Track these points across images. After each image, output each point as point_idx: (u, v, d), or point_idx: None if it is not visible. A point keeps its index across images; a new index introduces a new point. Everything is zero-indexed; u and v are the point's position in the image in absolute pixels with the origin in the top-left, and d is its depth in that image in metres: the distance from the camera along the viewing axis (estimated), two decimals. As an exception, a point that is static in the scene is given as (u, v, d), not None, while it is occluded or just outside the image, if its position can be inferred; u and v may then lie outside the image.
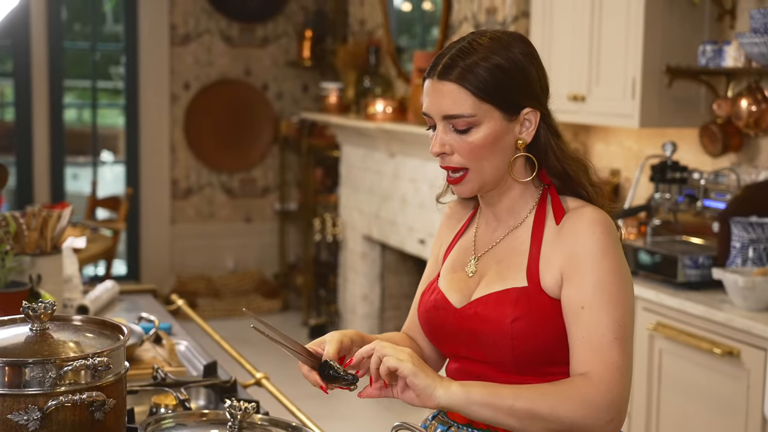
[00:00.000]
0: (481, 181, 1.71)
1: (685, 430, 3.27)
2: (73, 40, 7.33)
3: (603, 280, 1.61)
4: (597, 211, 1.67)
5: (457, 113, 1.66)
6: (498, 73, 1.66)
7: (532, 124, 1.70)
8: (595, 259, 1.62)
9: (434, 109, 1.69)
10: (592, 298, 1.60)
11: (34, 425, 1.51)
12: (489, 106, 1.66)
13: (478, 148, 1.67)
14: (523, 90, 1.68)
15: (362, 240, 6.19)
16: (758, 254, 3.28)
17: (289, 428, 1.86)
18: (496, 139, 1.67)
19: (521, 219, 1.74)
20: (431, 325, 1.79)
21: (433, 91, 1.69)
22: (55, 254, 2.63)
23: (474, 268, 1.76)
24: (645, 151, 4.23)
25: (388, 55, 6.31)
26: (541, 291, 1.65)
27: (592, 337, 1.59)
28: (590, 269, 1.62)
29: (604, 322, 1.60)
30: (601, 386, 1.57)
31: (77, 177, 7.67)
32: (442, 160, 1.71)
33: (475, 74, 1.65)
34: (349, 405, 5.42)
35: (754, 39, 3.34)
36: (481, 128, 1.66)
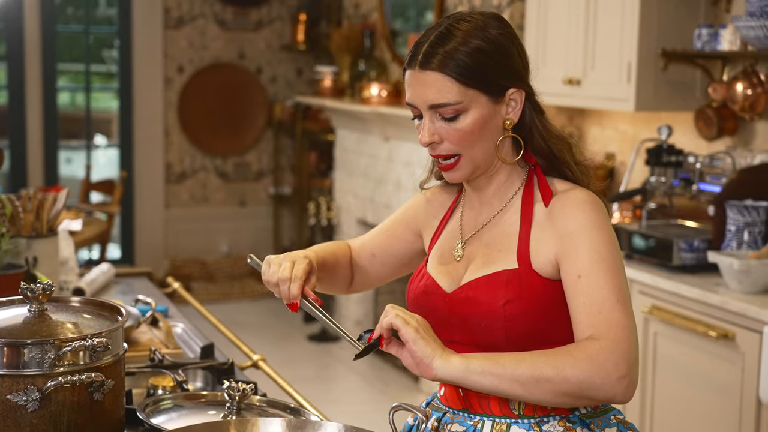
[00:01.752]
0: (473, 166, 1.70)
1: (680, 412, 3.28)
2: (66, 23, 7.30)
3: (598, 250, 1.61)
4: (585, 192, 1.68)
5: (443, 102, 1.64)
6: (479, 56, 1.64)
7: (518, 104, 1.69)
8: (587, 233, 1.63)
9: (419, 100, 1.66)
10: (589, 267, 1.60)
11: (33, 406, 1.51)
12: (474, 91, 1.64)
13: (468, 134, 1.66)
14: (506, 70, 1.67)
15: (357, 224, 6.19)
16: (753, 237, 3.29)
17: (287, 410, 1.87)
18: (485, 123, 1.66)
19: (507, 200, 1.74)
20: (422, 311, 1.77)
21: (415, 82, 1.66)
22: (51, 237, 2.62)
23: (461, 252, 1.76)
24: (640, 135, 4.23)
25: (382, 38, 6.30)
26: (533, 272, 1.65)
27: (593, 301, 1.58)
28: (584, 242, 1.62)
29: (604, 287, 1.59)
30: (607, 343, 1.55)
31: (71, 161, 7.65)
32: (432, 149, 1.70)
33: (457, 60, 1.63)
34: (345, 388, 5.44)
35: (750, 22, 3.34)
36: (468, 114, 1.65)
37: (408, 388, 5.35)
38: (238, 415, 1.76)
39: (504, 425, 1.67)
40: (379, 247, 1.94)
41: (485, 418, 1.68)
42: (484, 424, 1.68)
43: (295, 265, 1.72)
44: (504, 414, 1.67)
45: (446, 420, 1.74)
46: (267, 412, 1.84)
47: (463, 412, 1.71)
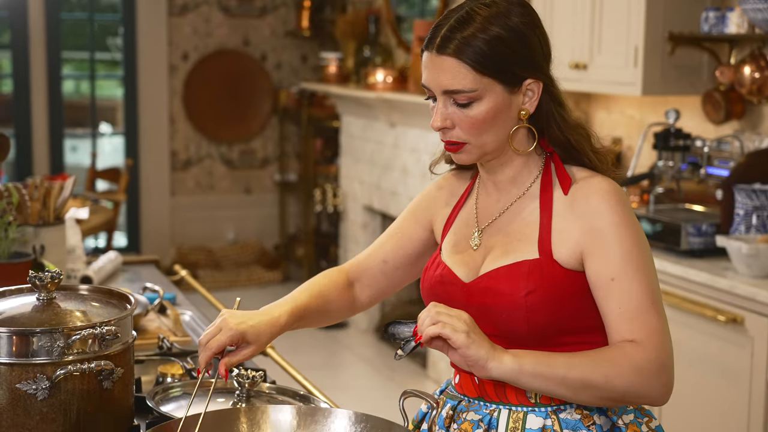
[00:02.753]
0: (481, 152, 1.67)
1: (689, 397, 3.28)
2: (70, 11, 7.28)
3: (628, 250, 1.59)
4: (606, 181, 1.65)
5: (457, 88, 1.61)
6: (497, 44, 1.60)
7: (535, 94, 1.65)
8: (616, 229, 1.60)
9: (434, 83, 1.64)
10: (621, 270, 1.59)
11: (43, 394, 1.51)
12: (489, 79, 1.61)
13: (480, 122, 1.63)
14: (524, 60, 1.63)
15: (363, 210, 6.18)
16: (762, 221, 3.27)
17: (297, 397, 1.87)
18: (498, 112, 1.63)
19: (525, 188, 1.71)
20: (438, 301, 1.72)
21: (431, 65, 1.64)
22: (58, 225, 2.62)
23: (478, 241, 1.72)
24: (647, 119, 4.21)
25: (387, 24, 6.28)
26: (554, 262, 1.62)
27: (629, 306, 1.58)
28: (614, 241, 1.60)
29: (638, 291, 1.58)
30: (651, 352, 1.56)
31: (76, 149, 7.65)
32: (443, 134, 1.67)
33: (474, 47, 1.59)
34: (353, 375, 5.44)
35: (758, 5, 3.32)
36: (482, 102, 1.62)
37: (416, 374, 5.35)
38: (247, 403, 1.76)
39: (521, 413, 1.65)
40: (391, 252, 1.89)
41: (501, 407, 1.67)
42: (500, 412, 1.67)
43: (218, 335, 1.66)
44: (521, 402, 1.66)
45: (461, 408, 1.72)
46: (276, 399, 1.84)
47: (478, 400, 1.70)
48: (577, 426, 1.63)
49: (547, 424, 1.64)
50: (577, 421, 1.64)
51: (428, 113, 5.62)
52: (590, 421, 1.64)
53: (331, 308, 1.89)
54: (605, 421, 1.66)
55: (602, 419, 1.66)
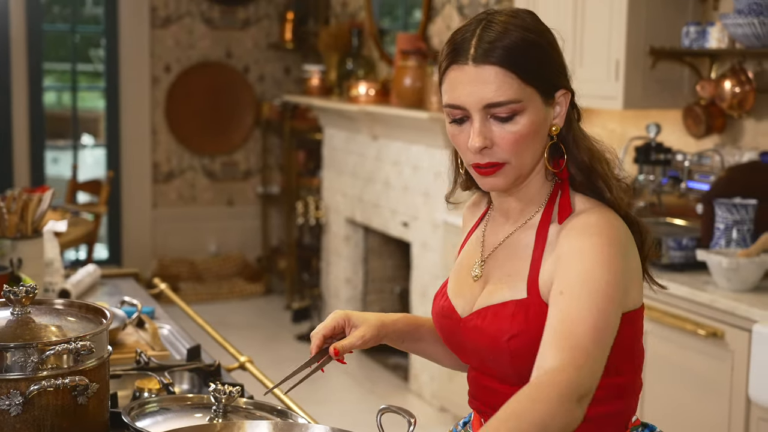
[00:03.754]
0: (518, 174, 1.55)
1: (669, 411, 3.28)
2: (52, 22, 7.26)
3: (590, 275, 1.45)
4: (602, 216, 1.52)
5: (502, 100, 1.49)
6: (536, 51, 1.51)
7: (563, 108, 1.56)
8: (582, 254, 1.47)
9: (471, 99, 1.50)
10: (575, 288, 1.44)
11: (16, 410, 1.50)
12: (532, 89, 1.51)
13: (523, 137, 1.51)
14: (558, 68, 1.55)
15: (345, 223, 6.17)
16: (742, 235, 3.28)
17: (274, 412, 1.85)
18: (539, 126, 1.53)
19: (528, 216, 1.61)
20: (443, 333, 1.71)
21: (467, 79, 1.50)
22: (36, 238, 2.60)
23: (479, 272, 1.65)
24: (628, 133, 4.22)
25: (370, 37, 6.29)
26: (541, 302, 1.53)
27: (565, 320, 1.42)
28: (576, 261, 1.47)
29: (584, 308, 1.42)
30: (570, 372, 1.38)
31: (57, 161, 7.62)
32: (481, 156, 1.53)
33: (518, 55, 1.49)
34: (334, 387, 5.42)
35: (738, 20, 3.33)
36: (525, 115, 1.51)
37: (397, 387, 5.34)
38: (224, 418, 1.75)
39: None
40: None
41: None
42: None
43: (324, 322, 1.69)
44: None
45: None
46: (254, 414, 1.83)
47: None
48: None
49: None
50: None
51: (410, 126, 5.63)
52: None
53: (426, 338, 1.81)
54: None
55: None
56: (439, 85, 1.59)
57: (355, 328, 1.68)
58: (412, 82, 5.18)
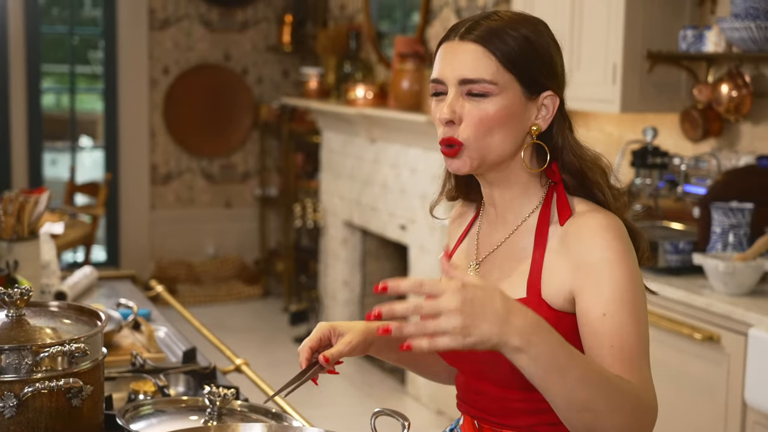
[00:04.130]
0: (480, 158, 1.55)
1: (665, 415, 3.28)
2: (51, 24, 7.26)
3: (622, 288, 1.46)
4: (605, 216, 1.53)
5: (477, 77, 1.51)
6: (525, 44, 1.53)
7: (549, 112, 1.57)
8: (609, 266, 1.48)
9: (450, 72, 1.53)
10: (614, 306, 1.45)
11: (11, 412, 1.50)
12: (511, 77, 1.52)
13: (490, 119, 1.52)
14: (548, 69, 1.55)
15: (343, 226, 6.17)
16: (738, 239, 3.29)
17: (269, 414, 1.85)
18: (511, 115, 1.53)
19: (523, 218, 1.60)
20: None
21: (451, 53, 1.54)
22: (33, 240, 2.60)
23: (474, 275, 1.63)
24: (625, 137, 4.23)
25: (368, 40, 6.29)
26: (542, 301, 1.52)
27: (622, 346, 1.44)
28: (607, 276, 1.47)
29: (631, 332, 1.45)
30: (647, 401, 1.42)
31: (56, 162, 7.62)
32: (445, 130, 1.55)
33: (502, 39, 1.52)
34: (331, 390, 5.42)
35: (735, 24, 3.34)
36: (498, 98, 1.52)
37: (394, 390, 5.34)
38: (219, 421, 1.75)
39: None
40: None
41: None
42: None
43: (310, 335, 1.66)
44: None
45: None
46: (249, 417, 1.83)
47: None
48: None
49: None
50: None
51: (408, 129, 5.64)
52: None
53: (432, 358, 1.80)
54: None
55: None
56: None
57: (341, 336, 1.66)
58: (409, 85, 5.19)
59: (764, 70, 3.61)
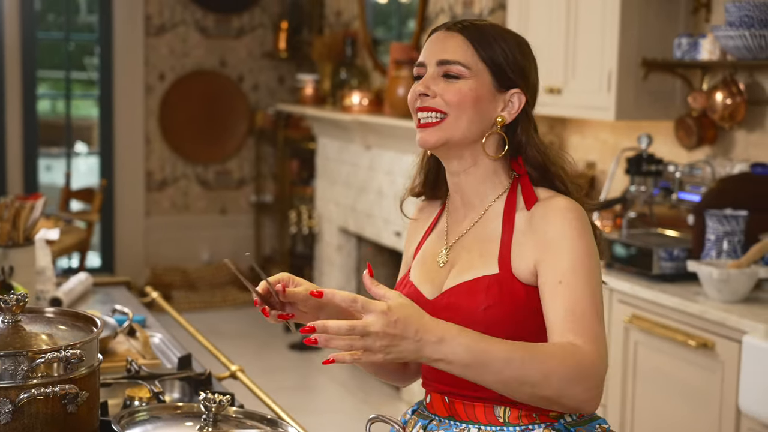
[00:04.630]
0: (452, 133, 1.69)
1: (660, 421, 3.28)
2: (46, 30, 7.26)
3: (580, 258, 1.62)
4: (568, 201, 1.68)
5: (454, 59, 1.69)
6: (502, 44, 1.71)
7: (515, 108, 1.72)
8: (569, 241, 1.63)
9: (431, 55, 1.71)
10: (570, 274, 1.60)
11: (6, 418, 1.50)
12: (484, 66, 1.69)
13: (462, 97, 1.68)
14: (519, 69, 1.72)
15: (338, 232, 6.18)
16: (733, 247, 3.29)
17: (264, 421, 1.85)
18: (479, 99, 1.69)
19: (489, 203, 1.73)
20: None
21: (436, 40, 1.73)
22: (28, 246, 2.60)
23: (445, 258, 1.75)
24: (620, 144, 4.24)
25: (364, 47, 6.30)
26: (513, 278, 1.65)
27: (574, 309, 1.58)
28: (566, 249, 1.62)
29: (583, 295, 1.59)
30: (593, 356, 1.55)
31: (50, 168, 7.62)
32: (421, 101, 1.71)
33: (482, 35, 1.70)
34: (326, 397, 5.42)
35: (730, 32, 3.35)
36: (469, 81, 1.68)
37: (390, 397, 5.34)
38: (214, 427, 1.75)
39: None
40: None
41: (471, 426, 1.69)
42: (470, 431, 1.68)
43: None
44: (489, 422, 1.67)
45: (432, 427, 1.73)
46: (244, 423, 1.83)
47: (449, 419, 1.71)
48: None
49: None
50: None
51: (403, 136, 5.64)
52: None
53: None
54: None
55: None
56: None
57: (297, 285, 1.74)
58: (405, 92, 5.19)
59: (758, 78, 3.62)
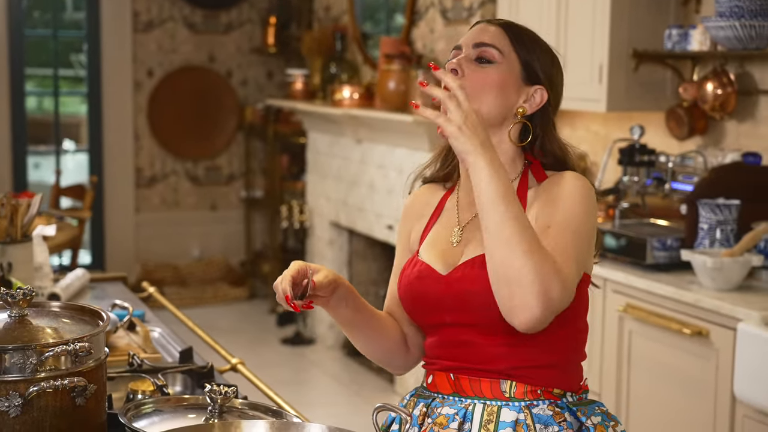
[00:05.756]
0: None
1: (655, 410, 3.31)
2: (33, 27, 7.24)
3: (574, 213, 1.67)
4: (579, 175, 1.75)
5: (490, 42, 1.76)
6: (537, 48, 1.79)
7: (537, 102, 1.78)
8: (570, 200, 1.69)
9: (469, 40, 1.79)
10: (560, 225, 1.66)
11: (16, 411, 1.50)
12: (515, 58, 1.77)
13: (488, 81, 1.74)
14: (547, 75, 1.79)
15: (329, 226, 6.18)
16: (725, 235, 3.32)
17: (269, 412, 1.86)
18: (504, 86, 1.75)
19: None
20: (414, 295, 1.78)
21: (476, 29, 1.81)
22: (26, 242, 2.60)
23: (459, 237, 1.79)
24: (611, 136, 4.26)
25: (354, 41, 6.30)
26: None
27: (555, 249, 1.63)
28: (568, 207, 1.68)
29: (567, 243, 1.64)
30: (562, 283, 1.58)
31: (39, 166, 7.60)
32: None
33: (521, 33, 1.79)
34: (320, 390, 5.44)
35: (720, 23, 3.37)
36: (499, 68, 1.75)
37: (383, 389, 5.35)
38: (220, 419, 1.76)
39: (495, 407, 1.70)
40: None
41: (476, 401, 1.72)
42: (475, 406, 1.72)
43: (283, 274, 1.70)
44: (495, 396, 1.71)
45: (436, 404, 1.76)
46: (249, 415, 1.84)
47: (453, 396, 1.75)
48: (549, 422, 1.68)
49: (520, 418, 1.69)
50: (549, 417, 1.69)
51: (394, 129, 5.64)
52: (561, 417, 1.69)
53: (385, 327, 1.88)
54: (574, 420, 1.71)
55: (571, 417, 1.71)
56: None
57: (316, 272, 1.72)
58: (396, 85, 5.20)
59: (749, 68, 3.64)
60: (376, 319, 1.87)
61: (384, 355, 1.91)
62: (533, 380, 1.71)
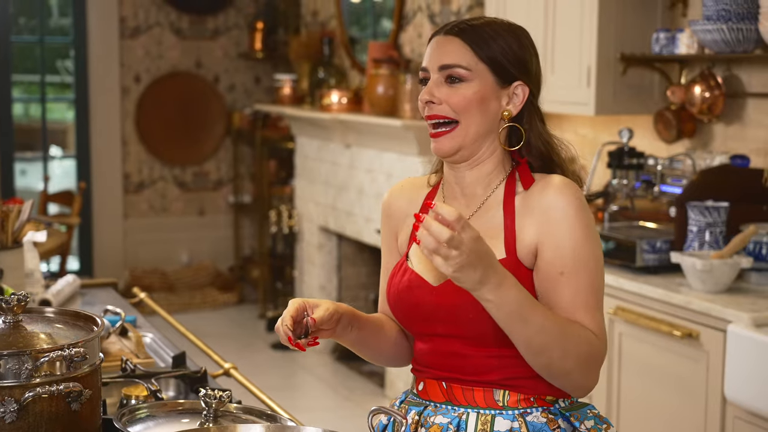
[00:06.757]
0: (463, 139, 1.72)
1: (646, 412, 3.32)
2: (19, 33, 7.22)
3: (580, 244, 1.65)
4: (564, 178, 1.72)
5: (454, 63, 1.71)
6: (500, 41, 1.72)
7: (520, 99, 1.74)
8: (569, 222, 1.66)
9: (432, 61, 1.73)
10: (572, 264, 1.65)
11: (11, 417, 1.50)
12: (484, 66, 1.71)
13: (467, 101, 1.70)
14: (518, 61, 1.73)
15: (319, 231, 6.18)
16: (715, 237, 3.33)
17: (264, 416, 1.86)
18: (484, 99, 1.71)
19: (491, 191, 1.76)
20: (405, 306, 1.77)
21: (436, 45, 1.75)
22: (17, 248, 2.60)
23: None
24: (600, 139, 4.27)
25: (341, 45, 6.31)
26: (519, 263, 1.68)
27: (576, 300, 1.64)
28: (566, 234, 1.66)
29: (587, 286, 1.65)
30: (601, 345, 1.64)
31: (25, 173, 7.57)
32: (429, 109, 1.73)
33: (479, 35, 1.72)
34: (311, 395, 5.43)
35: (707, 26, 3.39)
36: (472, 84, 1.71)
37: (373, 394, 5.35)
38: (215, 423, 1.76)
39: (489, 416, 1.70)
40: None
41: (470, 410, 1.71)
42: (468, 415, 1.71)
43: (283, 314, 1.70)
44: (488, 405, 1.70)
45: (428, 413, 1.75)
46: (243, 419, 1.84)
47: (446, 404, 1.74)
48: (544, 429, 1.69)
49: (515, 427, 1.69)
50: (543, 424, 1.69)
51: (383, 134, 5.65)
52: (555, 424, 1.70)
53: (387, 331, 1.88)
54: (567, 425, 1.71)
55: (565, 423, 1.71)
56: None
57: (316, 307, 1.72)
58: (384, 90, 5.21)
59: (736, 71, 3.66)
60: (378, 327, 1.86)
61: (392, 358, 1.92)
62: (526, 389, 1.71)
